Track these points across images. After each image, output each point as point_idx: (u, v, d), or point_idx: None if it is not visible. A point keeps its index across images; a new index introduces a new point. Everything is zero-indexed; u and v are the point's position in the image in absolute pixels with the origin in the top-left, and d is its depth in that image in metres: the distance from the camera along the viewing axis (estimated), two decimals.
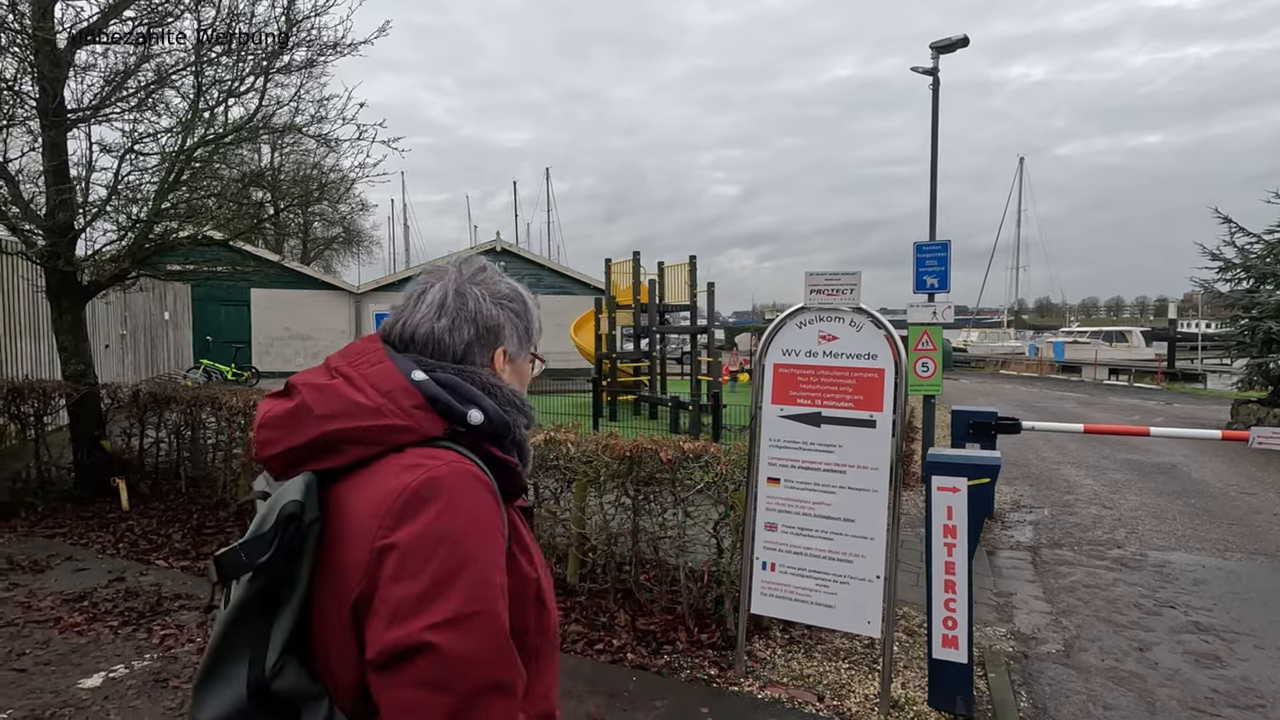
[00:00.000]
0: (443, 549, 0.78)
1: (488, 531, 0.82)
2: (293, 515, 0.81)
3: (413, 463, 0.83)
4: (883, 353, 3.14)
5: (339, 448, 0.85)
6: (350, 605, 0.80)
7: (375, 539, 0.79)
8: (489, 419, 0.90)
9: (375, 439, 0.85)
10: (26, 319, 8.80)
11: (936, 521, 3.04)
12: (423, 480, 0.81)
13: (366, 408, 0.85)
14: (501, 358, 1.00)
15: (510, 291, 1.03)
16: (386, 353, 0.93)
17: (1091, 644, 3.95)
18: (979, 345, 38.57)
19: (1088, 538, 6.06)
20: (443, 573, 0.76)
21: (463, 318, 0.97)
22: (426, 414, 0.87)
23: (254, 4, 6.20)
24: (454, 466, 0.84)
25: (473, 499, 0.82)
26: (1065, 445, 10.68)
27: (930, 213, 8.64)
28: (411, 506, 0.79)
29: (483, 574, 0.79)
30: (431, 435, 0.87)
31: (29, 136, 6.03)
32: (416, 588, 0.76)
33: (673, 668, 3.34)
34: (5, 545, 4.99)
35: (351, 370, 0.90)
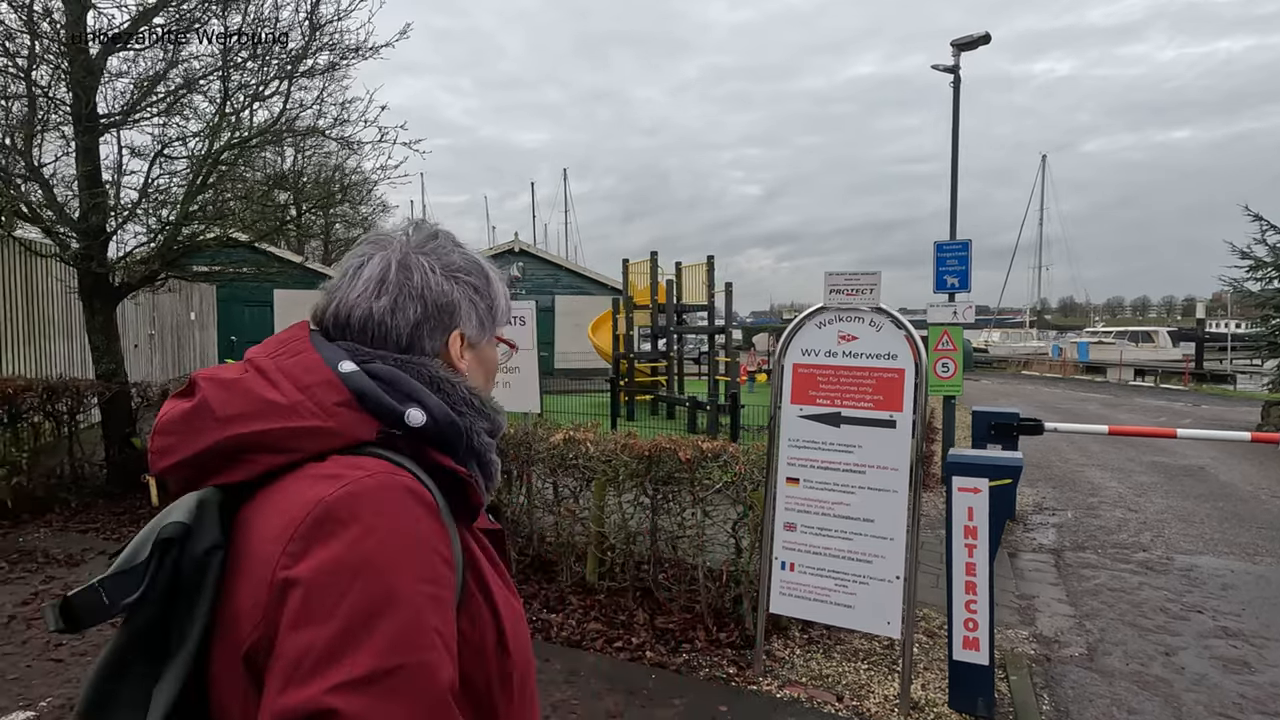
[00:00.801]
0: (359, 584, 0.60)
1: (421, 560, 0.64)
2: (170, 540, 0.65)
3: (330, 472, 0.66)
4: (903, 353, 3.13)
5: (246, 456, 0.68)
6: (243, 656, 0.63)
7: (276, 570, 0.62)
8: (433, 420, 0.73)
9: (289, 445, 0.68)
10: (60, 320, 9.03)
11: (957, 522, 3.02)
12: (339, 495, 0.64)
13: (279, 406, 0.69)
14: (458, 343, 0.83)
15: (466, 262, 0.85)
16: (312, 340, 0.76)
17: (1116, 648, 3.90)
18: (1000, 345, 38.09)
19: (1112, 541, 5.97)
20: (357, 615, 0.59)
21: (407, 295, 0.80)
22: (354, 413, 0.71)
23: (278, 9, 6.33)
24: (381, 478, 0.66)
25: (402, 518, 0.65)
26: (1089, 447, 10.53)
27: (950, 211, 8.56)
28: (322, 528, 0.62)
29: (411, 616, 0.60)
30: (360, 439, 0.70)
31: (62, 141, 6.20)
32: (322, 636, 0.58)
33: (691, 666, 3.36)
34: (41, 539, 5.13)
35: (267, 362, 0.73)
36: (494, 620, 0.72)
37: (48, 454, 5.98)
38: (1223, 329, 35.59)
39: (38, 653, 3.37)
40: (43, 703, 2.95)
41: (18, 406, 5.76)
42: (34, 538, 5.16)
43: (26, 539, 5.13)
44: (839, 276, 3.25)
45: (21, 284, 8.25)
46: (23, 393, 5.77)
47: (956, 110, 8.75)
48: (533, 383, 5.59)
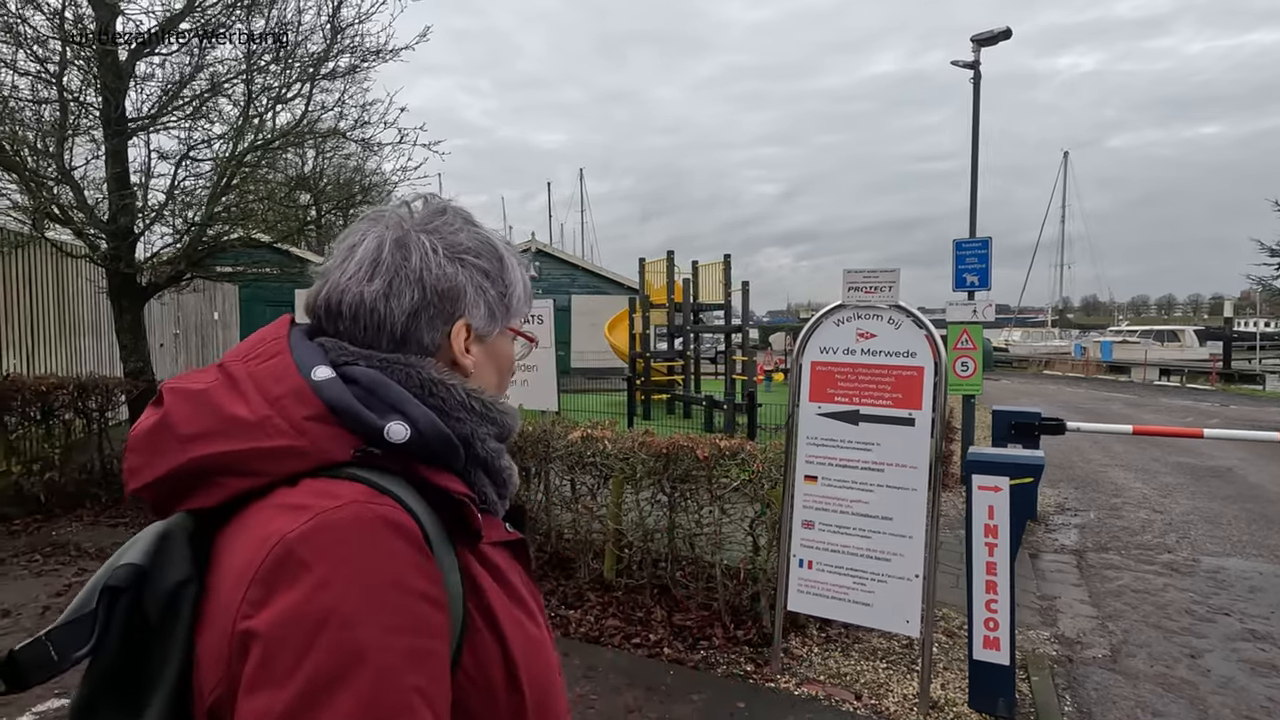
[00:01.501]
0: (321, 640, 0.52)
1: (396, 608, 0.55)
2: (117, 589, 0.59)
3: (297, 502, 0.58)
4: (922, 350, 3.11)
5: (211, 480, 0.61)
6: (206, 712, 0.57)
7: (237, 619, 0.55)
8: (419, 434, 0.64)
9: (256, 468, 0.60)
10: (90, 319, 9.23)
11: (977, 521, 3.00)
12: (303, 531, 0.56)
13: (244, 423, 0.61)
14: (463, 335, 0.72)
15: (475, 243, 0.74)
16: (290, 340, 0.67)
17: (1140, 649, 3.85)
18: (1021, 345, 37.62)
19: (1136, 542, 5.89)
20: (319, 678, 0.51)
21: (403, 278, 0.69)
22: (327, 429, 0.62)
23: (300, 13, 6.43)
24: (354, 510, 0.57)
25: (374, 559, 0.56)
26: (1112, 447, 10.37)
27: (970, 209, 8.48)
28: (283, 571, 0.55)
29: (381, 678, 0.53)
30: (334, 459, 0.61)
31: (92, 145, 6.34)
32: (279, 701, 0.51)
33: (709, 663, 3.37)
34: (73, 533, 5.26)
35: (239, 368, 0.65)
36: (501, 652, 0.64)
37: (79, 450, 6.13)
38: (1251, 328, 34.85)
39: None
40: None
41: (50, 404, 5.91)
42: (66, 531, 5.30)
43: (59, 532, 5.26)
44: (857, 274, 3.25)
45: (54, 284, 8.45)
46: (55, 390, 5.92)
47: (977, 107, 8.67)
48: (550, 381, 5.63)
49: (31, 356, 7.90)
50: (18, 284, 7.71)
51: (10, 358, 7.45)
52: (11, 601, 3.97)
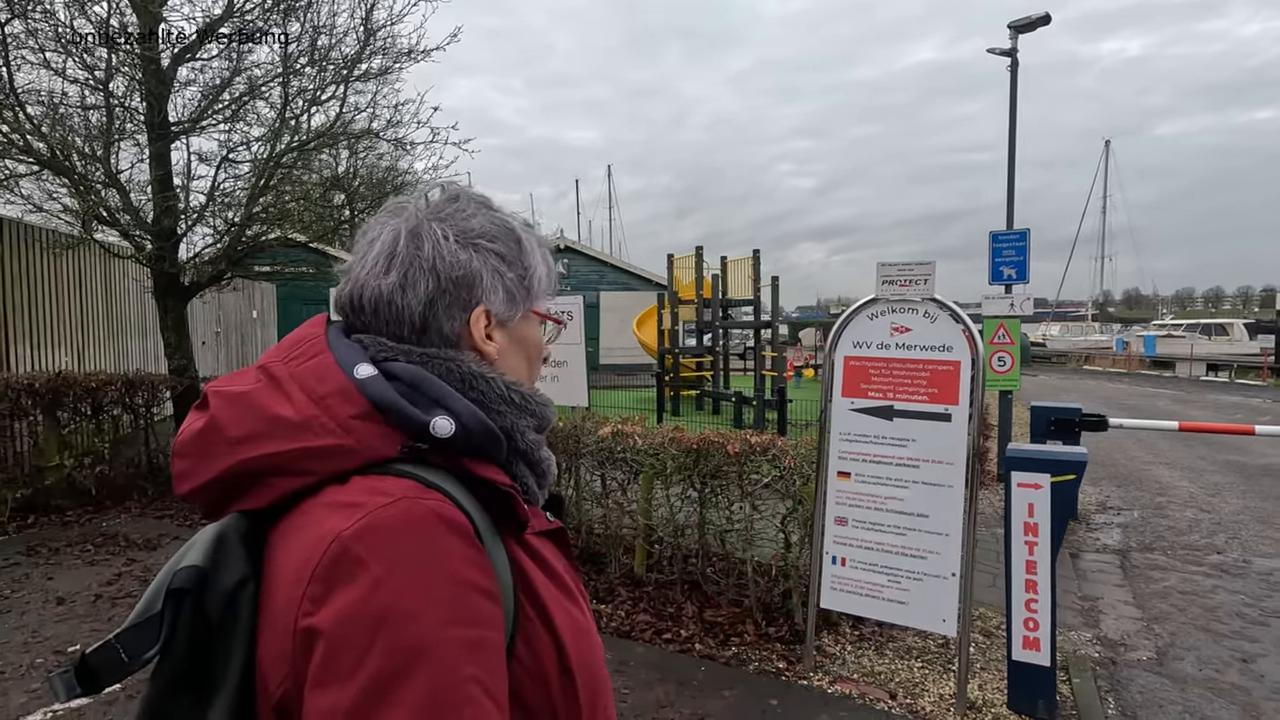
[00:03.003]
0: (384, 637, 0.54)
1: (453, 601, 0.56)
2: (181, 591, 0.60)
3: (349, 500, 0.59)
4: (959, 345, 3.05)
5: (261, 481, 0.62)
6: (274, 708, 0.58)
7: (299, 616, 0.56)
8: (464, 428, 0.64)
9: (305, 467, 0.61)
10: (135, 318, 9.55)
11: (1016, 519, 2.93)
12: (358, 529, 0.57)
13: (291, 424, 0.62)
14: (482, 322, 0.72)
15: (490, 226, 0.73)
16: (329, 338, 0.68)
17: (1188, 653, 3.73)
18: (1059, 339, 36.68)
19: (1182, 542, 5.70)
20: (383, 674, 0.53)
21: (417, 268, 0.69)
22: (373, 427, 0.62)
23: (335, 16, 6.54)
24: (405, 506, 0.58)
25: (429, 553, 0.57)
26: (1157, 445, 10.05)
27: (1008, 201, 8.27)
28: (341, 570, 0.56)
29: (443, 671, 0.54)
30: (382, 456, 0.62)
31: (136, 149, 6.55)
32: (346, 697, 0.52)
33: (740, 659, 3.35)
34: (122, 525, 5.46)
35: (281, 369, 0.65)
36: (553, 640, 0.65)
37: (127, 445, 6.35)
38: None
39: None
40: None
41: (100, 400, 6.13)
42: (116, 523, 5.49)
43: (109, 524, 5.46)
44: (892, 268, 3.19)
45: (102, 284, 8.75)
46: (104, 387, 6.13)
47: (1014, 96, 8.44)
48: (581, 377, 5.65)
49: (82, 354, 8.20)
50: (69, 284, 8.00)
51: (62, 355, 7.75)
52: (66, 589, 4.13)
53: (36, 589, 4.13)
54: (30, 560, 4.62)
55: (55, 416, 5.87)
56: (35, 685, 3.06)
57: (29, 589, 4.13)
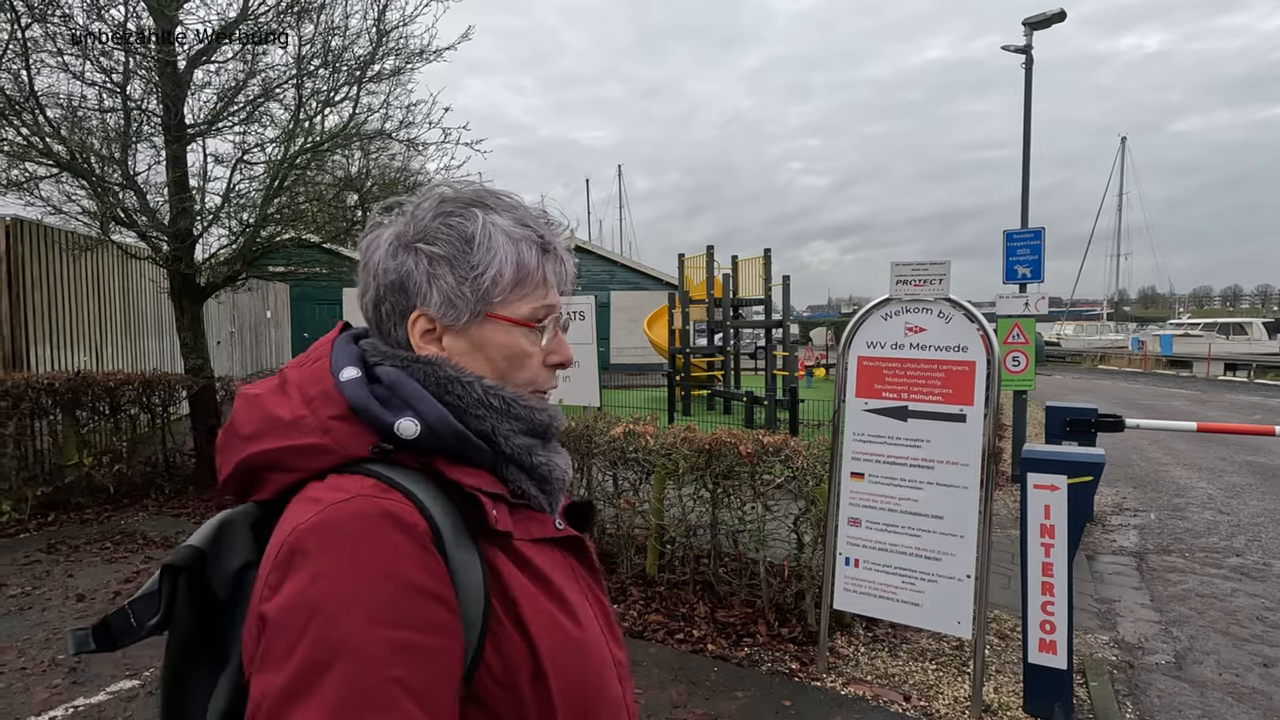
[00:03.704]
0: (313, 629, 0.55)
1: (386, 601, 0.56)
2: (175, 568, 0.65)
3: (314, 495, 0.62)
4: (974, 345, 3.03)
5: (264, 475, 0.67)
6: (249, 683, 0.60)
7: (259, 600, 0.60)
8: (429, 429, 0.65)
9: (293, 464, 0.65)
10: (152, 318, 9.65)
11: (1033, 521, 2.91)
12: (312, 523, 0.59)
13: (283, 423, 0.66)
14: (421, 326, 0.71)
15: (436, 228, 0.71)
16: (335, 343, 0.72)
17: (1207, 656, 3.68)
18: (1074, 338, 36.30)
19: (1201, 544, 5.63)
20: (307, 666, 0.54)
21: (367, 274, 0.72)
22: (349, 427, 0.65)
23: (347, 17, 6.58)
24: (359, 504, 0.60)
25: (367, 551, 0.57)
26: (1174, 446, 9.93)
27: (1022, 198, 8.20)
28: (290, 560, 0.58)
29: (360, 671, 0.54)
30: (354, 456, 0.64)
31: (153, 151, 6.62)
32: (275, 684, 0.55)
33: (753, 660, 3.35)
34: (140, 522, 5.52)
35: (292, 373, 0.70)
36: (528, 650, 0.63)
37: (144, 443, 6.42)
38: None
39: None
40: (146, 673, 3.18)
41: (118, 399, 6.20)
42: (134, 520, 5.56)
43: (127, 522, 5.53)
44: (906, 267, 3.17)
45: (120, 285, 8.86)
46: (122, 386, 6.21)
47: (1029, 93, 8.37)
48: (592, 377, 5.66)
49: (100, 354, 8.31)
50: (87, 285, 8.10)
51: (81, 355, 7.85)
52: (86, 586, 4.18)
53: (57, 585, 4.19)
54: (51, 557, 4.68)
55: (74, 416, 5.95)
56: (57, 681, 3.11)
57: (50, 585, 4.19)
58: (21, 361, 6.80)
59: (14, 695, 2.99)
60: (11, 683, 3.09)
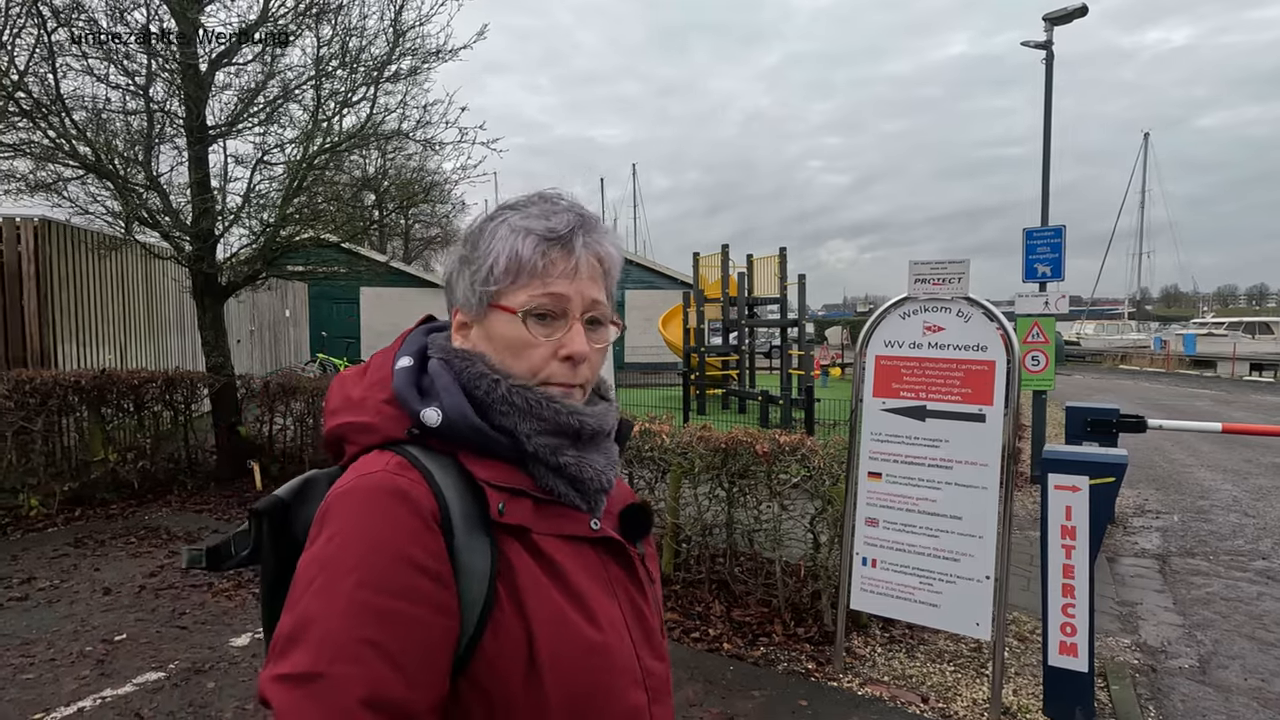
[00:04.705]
0: (316, 583, 0.63)
1: (378, 568, 0.62)
2: (259, 512, 0.75)
3: (355, 466, 0.71)
4: (994, 344, 3.00)
5: (341, 445, 0.77)
6: None
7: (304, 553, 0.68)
8: (447, 420, 0.71)
9: (354, 438, 0.74)
10: (174, 316, 9.80)
11: (1053, 522, 2.88)
12: (341, 490, 0.67)
13: (353, 402, 0.75)
14: (458, 321, 0.79)
15: (468, 230, 0.80)
16: (410, 334, 0.82)
17: (1232, 661, 3.63)
18: (1094, 338, 35.74)
19: (1226, 547, 5.53)
20: (305, 614, 0.62)
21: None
22: (393, 410, 0.73)
23: (365, 18, 6.64)
24: (378, 478, 0.67)
25: (371, 522, 0.64)
26: (1198, 447, 9.77)
27: (1042, 196, 8.10)
28: (321, 520, 0.66)
29: (337, 626, 0.60)
30: (393, 436, 0.72)
31: (175, 152, 6.72)
32: (286, 624, 0.62)
33: (769, 659, 3.34)
34: (163, 518, 5.61)
35: (375, 357, 0.80)
36: (526, 641, 0.66)
37: (167, 440, 6.52)
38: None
39: (165, 620, 3.70)
40: (171, 665, 3.24)
41: (142, 397, 6.31)
42: (157, 516, 5.65)
43: (151, 517, 5.62)
44: (924, 266, 3.15)
45: (143, 284, 9.00)
46: (146, 384, 6.31)
47: (1049, 89, 8.26)
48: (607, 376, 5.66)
49: (124, 352, 8.45)
50: (112, 284, 8.25)
51: (106, 353, 7.99)
52: (112, 580, 4.26)
53: (84, 579, 4.27)
54: (78, 551, 4.78)
55: (100, 413, 6.06)
56: (85, 672, 3.17)
57: (77, 579, 4.27)
58: (49, 359, 6.94)
59: (43, 686, 3.05)
60: (41, 673, 3.15)
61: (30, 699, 2.95)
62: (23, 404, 5.42)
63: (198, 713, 2.87)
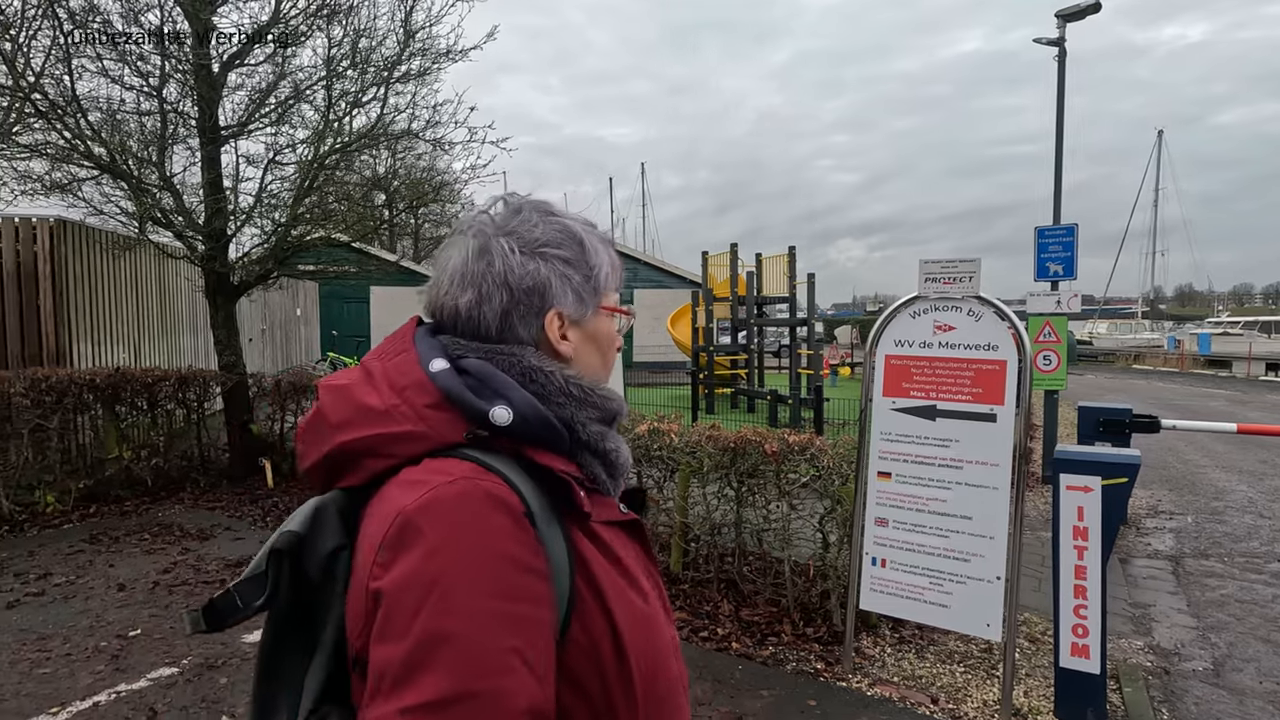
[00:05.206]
0: (429, 602, 0.59)
1: (496, 575, 0.61)
2: (280, 552, 0.69)
3: (416, 478, 0.66)
4: (1004, 343, 2.98)
5: (356, 462, 0.71)
6: (353, 660, 0.66)
7: (369, 580, 0.63)
8: (520, 417, 0.69)
9: (388, 450, 0.69)
10: (187, 316, 9.89)
11: (1065, 523, 2.86)
12: (419, 504, 0.63)
13: (376, 411, 0.70)
14: (556, 324, 0.77)
15: (552, 234, 0.78)
16: (415, 337, 0.76)
17: (1247, 664, 3.59)
18: (1107, 337, 35.43)
19: (1240, 549, 5.47)
20: (428, 635, 0.58)
21: (490, 283, 0.75)
22: (443, 414, 0.69)
23: (375, 19, 6.67)
24: (463, 485, 0.64)
25: (477, 530, 0.62)
26: (1212, 448, 9.66)
27: (1054, 194, 8.03)
28: (402, 539, 0.62)
29: (479, 639, 0.58)
30: (450, 441, 0.68)
31: (188, 153, 6.78)
32: (397, 654, 0.58)
33: (778, 659, 3.34)
34: (176, 515, 5.67)
35: (375, 365, 0.74)
36: (609, 626, 0.67)
37: (180, 438, 6.59)
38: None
39: (178, 616, 3.74)
40: (184, 660, 3.28)
41: (155, 395, 6.37)
42: (170, 513, 5.71)
43: (164, 514, 5.68)
44: (935, 265, 3.13)
45: (156, 284, 9.09)
46: (159, 382, 6.38)
47: (1062, 86, 8.19)
48: (616, 374, 5.67)
49: (138, 351, 8.53)
50: (126, 284, 8.33)
51: (120, 352, 8.07)
52: (126, 576, 4.31)
53: (99, 575, 4.32)
54: (93, 547, 4.83)
55: (114, 411, 6.13)
56: (100, 667, 3.21)
57: (92, 575, 4.33)
58: (65, 358, 7.02)
59: (60, 680, 3.09)
60: (58, 668, 3.20)
61: (47, 693, 2.99)
62: (39, 402, 5.49)
63: (211, 708, 2.90)
